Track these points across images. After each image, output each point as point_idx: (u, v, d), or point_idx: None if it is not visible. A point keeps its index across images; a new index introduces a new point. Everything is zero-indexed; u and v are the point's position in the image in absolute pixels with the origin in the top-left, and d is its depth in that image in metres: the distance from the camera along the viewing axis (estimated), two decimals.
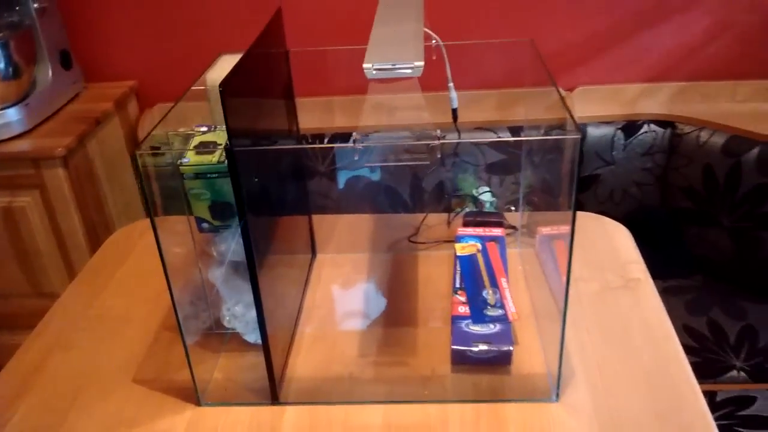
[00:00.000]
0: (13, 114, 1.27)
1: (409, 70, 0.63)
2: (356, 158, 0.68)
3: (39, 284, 1.38)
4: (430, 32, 0.91)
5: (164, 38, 1.54)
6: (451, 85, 0.98)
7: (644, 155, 1.50)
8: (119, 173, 1.47)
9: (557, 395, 0.81)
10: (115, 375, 0.88)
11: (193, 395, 0.83)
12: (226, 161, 0.76)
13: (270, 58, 0.86)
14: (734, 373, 1.26)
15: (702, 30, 1.47)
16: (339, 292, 1.01)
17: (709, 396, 1.20)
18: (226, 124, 0.64)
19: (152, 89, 1.58)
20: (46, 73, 1.36)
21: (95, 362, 0.91)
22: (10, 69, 1.25)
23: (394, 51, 0.66)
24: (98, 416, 0.82)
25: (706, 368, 1.26)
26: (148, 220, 0.71)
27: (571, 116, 0.70)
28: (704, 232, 1.46)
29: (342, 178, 1.49)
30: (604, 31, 1.50)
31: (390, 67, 0.63)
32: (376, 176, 1.44)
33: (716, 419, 1.16)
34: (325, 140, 1.51)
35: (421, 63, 0.63)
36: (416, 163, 0.77)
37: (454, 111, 1.02)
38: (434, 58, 0.93)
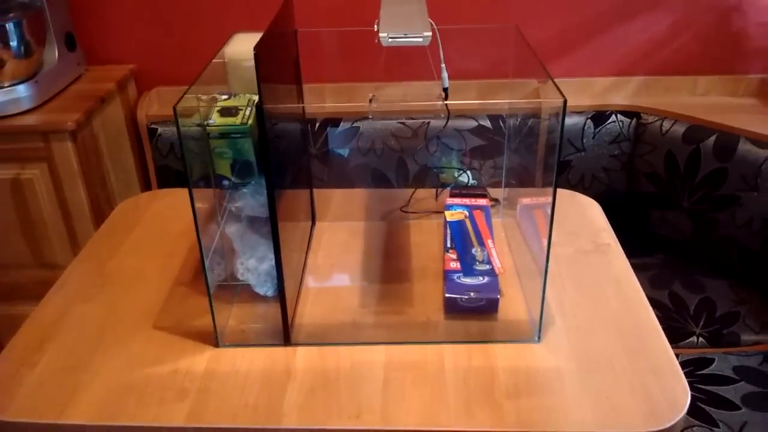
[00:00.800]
0: (23, 90, 1.34)
1: (419, 39, 0.72)
2: (370, 117, 0.77)
3: (41, 255, 1.43)
4: None
5: (162, 25, 1.62)
6: (443, 65, 1.08)
7: (612, 143, 1.63)
8: (120, 151, 1.53)
9: (539, 337, 0.91)
10: (136, 322, 0.96)
11: (210, 338, 0.92)
12: (248, 122, 0.85)
13: (284, 37, 0.95)
14: (694, 339, 1.39)
15: (664, 29, 1.60)
16: (339, 254, 1.10)
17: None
18: (258, 83, 0.73)
19: (150, 73, 1.65)
20: (53, 53, 1.43)
21: (115, 312, 0.98)
22: (22, 48, 1.32)
23: (404, 23, 0.76)
24: (123, 356, 0.89)
25: (668, 334, 1.36)
26: (153, 192, 0.78)
27: (555, 84, 0.80)
28: (666, 214, 1.59)
29: (334, 158, 1.58)
30: (575, 28, 1.62)
31: (402, 35, 0.73)
32: (366, 157, 1.53)
33: None
34: (317, 125, 1.60)
35: (429, 33, 0.73)
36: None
37: (445, 90, 1.12)
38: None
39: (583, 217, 1.20)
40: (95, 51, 1.62)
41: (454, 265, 0.99)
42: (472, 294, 0.94)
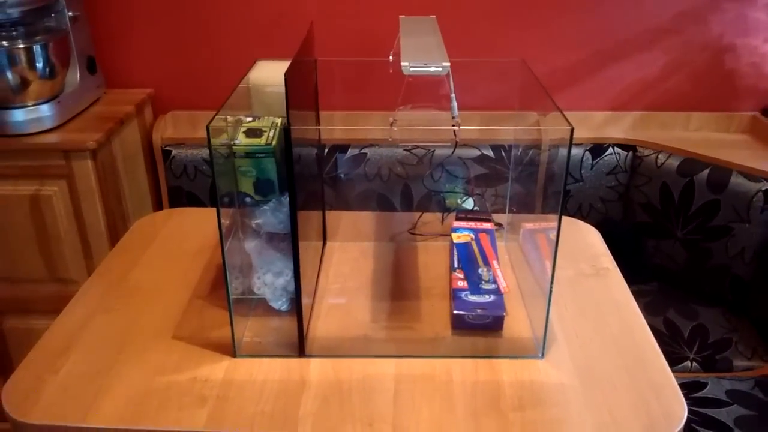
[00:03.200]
0: (46, 110, 1.39)
1: (439, 69, 0.78)
2: (390, 138, 0.82)
3: (56, 270, 1.47)
4: None
5: (178, 52, 1.68)
6: (452, 95, 1.14)
7: (609, 174, 1.69)
8: (135, 172, 1.58)
9: (543, 353, 0.95)
10: (156, 332, 0.99)
11: (227, 349, 0.95)
12: (272, 143, 0.91)
13: (306, 64, 1.01)
14: (688, 363, 1.43)
15: (659, 67, 1.68)
16: (349, 272, 1.15)
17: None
18: (287, 105, 0.78)
19: (166, 97, 1.71)
20: (75, 75, 1.48)
21: (135, 323, 1.02)
22: (47, 69, 1.37)
23: (424, 54, 0.82)
24: (144, 364, 0.93)
25: None
26: (169, 211, 0.82)
27: (561, 113, 0.86)
28: (661, 244, 1.64)
29: (342, 183, 1.64)
30: (574, 64, 1.69)
31: (423, 65, 0.78)
32: (373, 183, 1.58)
33: None
34: (326, 150, 1.65)
35: (448, 63, 0.79)
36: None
37: (455, 119, 1.18)
38: None
39: (583, 242, 1.25)
40: (114, 75, 1.68)
41: (462, 283, 1.04)
42: (479, 311, 0.99)
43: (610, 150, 1.68)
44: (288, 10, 1.64)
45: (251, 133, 0.93)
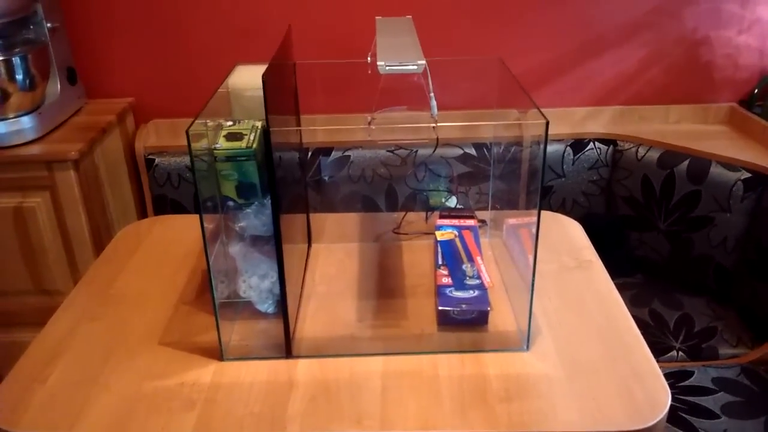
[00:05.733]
0: (27, 121, 1.39)
1: (414, 67, 0.79)
2: (369, 136, 0.83)
3: (42, 282, 1.47)
4: None
5: (158, 61, 1.68)
6: (431, 95, 1.15)
7: (590, 169, 1.70)
8: (118, 181, 1.58)
9: (528, 346, 0.96)
10: (142, 339, 0.99)
11: (214, 353, 0.96)
12: (253, 146, 0.91)
13: (285, 68, 1.01)
14: (674, 353, 1.45)
15: (636, 61, 1.70)
16: (335, 272, 1.15)
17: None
18: (265, 108, 0.79)
19: (147, 106, 1.71)
20: (55, 87, 1.48)
21: (122, 330, 1.02)
22: (27, 81, 1.37)
23: (399, 53, 0.83)
24: (131, 371, 0.93)
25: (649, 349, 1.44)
26: (154, 218, 0.82)
27: (538, 109, 0.87)
28: (644, 236, 1.66)
29: (326, 185, 1.64)
30: (552, 61, 1.71)
31: (398, 64, 0.79)
32: (357, 186, 1.59)
33: None
34: (309, 153, 1.66)
35: (423, 61, 0.80)
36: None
37: (433, 117, 1.19)
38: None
39: (566, 236, 1.27)
40: (95, 85, 1.68)
41: (446, 280, 1.05)
42: (463, 306, 0.99)
43: (591, 145, 1.69)
44: (266, 16, 1.65)
45: (232, 136, 0.93)
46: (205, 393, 0.89)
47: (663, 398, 0.87)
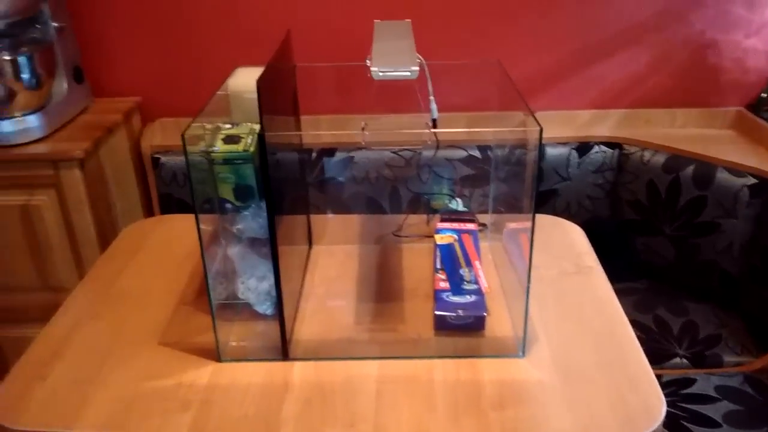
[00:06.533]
0: (33, 120, 1.40)
1: (408, 73, 0.79)
2: (363, 143, 0.83)
3: (48, 278, 1.48)
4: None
5: (165, 60, 1.70)
6: (431, 98, 1.15)
7: (596, 172, 1.70)
8: (124, 180, 1.60)
9: (523, 352, 0.96)
10: (142, 339, 1.00)
11: (212, 354, 0.96)
12: (250, 149, 0.92)
13: (284, 71, 1.02)
14: (677, 360, 1.44)
15: (643, 64, 1.69)
16: (334, 275, 1.16)
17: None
18: (260, 113, 0.79)
19: (154, 105, 1.72)
20: (62, 85, 1.50)
21: (122, 329, 1.03)
22: (34, 80, 1.39)
23: (394, 59, 0.83)
24: (129, 370, 0.94)
25: (652, 355, 1.42)
26: (158, 218, 0.83)
27: (532, 115, 0.87)
28: (650, 240, 1.65)
29: (330, 187, 1.65)
30: (558, 63, 1.70)
31: (392, 70, 0.80)
32: (362, 187, 1.59)
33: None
34: (314, 155, 1.66)
35: (417, 67, 0.80)
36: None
37: (434, 121, 1.19)
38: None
39: (567, 241, 1.26)
40: (102, 84, 1.69)
41: (444, 284, 1.05)
42: (460, 312, 1.00)
43: (596, 148, 1.69)
44: (273, 18, 1.65)
45: (229, 139, 0.94)
46: (201, 394, 0.90)
47: (658, 407, 0.87)
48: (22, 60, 1.35)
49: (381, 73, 0.79)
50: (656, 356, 1.43)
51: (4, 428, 0.86)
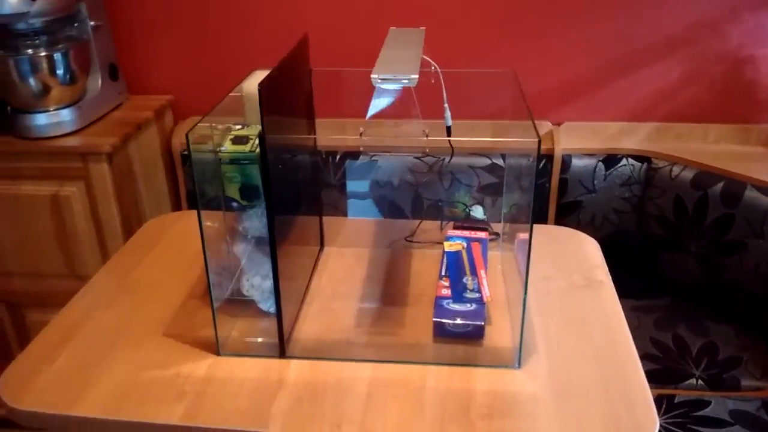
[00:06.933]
0: (66, 114, 1.46)
1: (406, 81, 0.80)
2: (361, 149, 0.84)
3: (75, 267, 1.54)
4: (429, 60, 1.09)
5: (199, 60, 1.74)
6: (446, 105, 1.15)
7: (622, 185, 1.67)
8: (154, 175, 1.64)
9: (519, 363, 0.96)
10: (148, 329, 1.04)
11: (213, 348, 0.99)
12: (256, 150, 0.94)
13: (296, 74, 1.04)
14: (693, 381, 1.40)
15: (676, 78, 1.65)
16: (342, 277, 1.17)
17: (668, 398, 1.34)
18: (261, 116, 0.81)
19: (186, 103, 1.77)
20: (96, 82, 1.55)
21: (131, 319, 1.06)
22: (68, 76, 1.44)
23: (396, 66, 0.84)
24: (133, 359, 0.97)
25: (667, 375, 1.40)
26: (180, 213, 0.87)
27: (534, 125, 0.86)
28: (675, 257, 1.61)
29: (350, 190, 1.66)
30: (589, 73, 1.68)
31: (392, 78, 0.80)
32: (381, 189, 1.61)
33: (672, 417, 1.30)
34: (337, 157, 1.68)
35: (416, 75, 0.80)
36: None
37: (448, 129, 1.19)
38: (432, 81, 1.11)
39: (581, 254, 1.25)
40: (137, 81, 1.75)
41: (446, 291, 1.05)
42: (458, 319, 1.00)
43: (624, 161, 1.66)
44: (307, 20, 1.68)
45: (238, 140, 0.96)
46: (197, 385, 0.92)
47: (650, 429, 0.85)
48: (57, 56, 1.41)
49: (380, 80, 0.80)
50: (671, 376, 1.39)
51: (9, 407, 0.90)
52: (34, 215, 1.48)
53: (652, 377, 1.37)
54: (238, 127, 1.00)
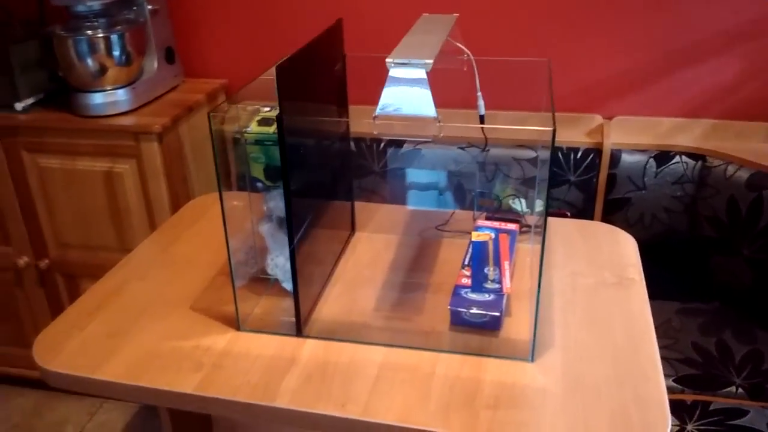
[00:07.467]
0: (121, 94, 1.53)
1: (421, 65, 0.80)
2: (375, 133, 0.85)
3: (125, 240, 1.61)
4: (462, 47, 1.08)
5: (253, 45, 1.78)
6: (479, 94, 1.14)
7: (674, 184, 1.60)
8: (204, 156, 1.70)
9: (533, 357, 0.94)
10: (177, 302, 1.08)
11: (235, 324, 1.02)
12: None
13: (323, 59, 1.05)
14: (732, 389, 1.34)
15: (735, 73, 1.57)
16: (368, 262, 1.18)
17: (703, 404, 1.29)
18: (278, 97, 0.83)
19: (239, 87, 1.82)
20: (153, 64, 1.62)
21: (163, 291, 1.11)
22: (124, 57, 1.51)
23: (413, 51, 0.84)
24: (157, 329, 1.02)
25: (705, 381, 1.35)
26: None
27: (553, 116, 0.85)
28: (725, 261, 1.54)
29: (391, 178, 1.67)
30: (644, 67, 1.62)
31: (405, 63, 0.80)
32: (421, 178, 1.61)
33: (705, 425, 1.25)
34: (381, 145, 1.69)
35: (431, 60, 0.80)
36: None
37: (482, 117, 1.18)
38: (465, 69, 1.10)
39: (616, 251, 1.21)
40: (194, 65, 1.81)
41: (466, 281, 1.05)
42: (474, 309, 0.99)
43: (677, 158, 1.59)
44: (359, 6, 1.69)
45: (264, 121, 0.98)
46: (214, 358, 0.95)
47: (661, 430, 0.83)
48: (114, 38, 1.48)
49: (394, 64, 0.80)
50: (710, 382, 1.34)
51: (39, 367, 0.95)
52: (89, 190, 1.56)
53: (689, 382, 1.32)
54: (267, 109, 1.03)
